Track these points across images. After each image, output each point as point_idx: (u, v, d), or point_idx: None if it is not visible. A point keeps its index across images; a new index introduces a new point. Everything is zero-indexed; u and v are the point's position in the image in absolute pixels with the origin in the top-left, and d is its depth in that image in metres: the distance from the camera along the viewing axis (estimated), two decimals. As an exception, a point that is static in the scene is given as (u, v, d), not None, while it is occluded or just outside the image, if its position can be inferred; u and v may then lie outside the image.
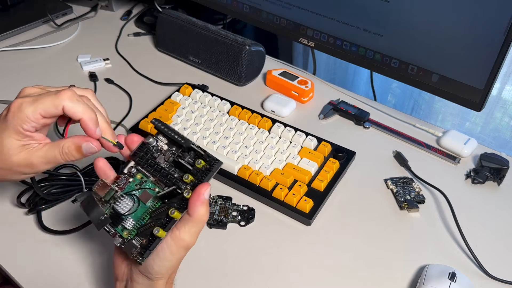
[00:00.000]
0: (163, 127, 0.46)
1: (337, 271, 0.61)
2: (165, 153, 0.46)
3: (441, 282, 0.55)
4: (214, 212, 0.66)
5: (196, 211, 0.43)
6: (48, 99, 0.45)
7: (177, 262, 0.45)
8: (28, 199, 0.65)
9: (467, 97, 0.72)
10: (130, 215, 0.46)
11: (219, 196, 0.69)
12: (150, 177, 0.46)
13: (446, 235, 0.66)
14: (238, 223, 0.66)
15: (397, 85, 1.21)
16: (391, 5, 0.72)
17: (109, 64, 0.95)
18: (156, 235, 0.43)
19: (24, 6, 1.10)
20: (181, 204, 0.44)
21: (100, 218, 0.45)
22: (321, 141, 0.76)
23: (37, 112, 0.44)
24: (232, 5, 0.93)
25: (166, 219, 0.43)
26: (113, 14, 1.12)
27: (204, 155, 0.44)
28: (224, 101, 0.83)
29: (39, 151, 0.47)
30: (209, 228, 0.65)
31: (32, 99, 0.45)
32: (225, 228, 0.65)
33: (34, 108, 0.44)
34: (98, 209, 0.45)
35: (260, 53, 0.91)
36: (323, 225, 0.66)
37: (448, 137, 0.78)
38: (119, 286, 0.48)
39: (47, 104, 0.45)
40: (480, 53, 0.67)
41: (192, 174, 0.44)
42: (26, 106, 0.44)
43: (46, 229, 0.64)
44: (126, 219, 0.45)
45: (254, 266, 0.61)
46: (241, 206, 0.68)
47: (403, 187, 0.71)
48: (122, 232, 0.45)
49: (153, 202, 0.45)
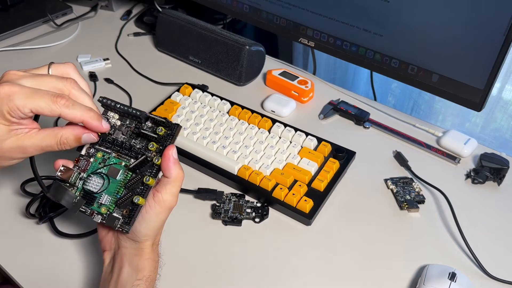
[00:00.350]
0: (113, 103, 0.48)
1: (337, 271, 0.61)
2: (120, 128, 0.49)
3: (441, 282, 0.55)
4: (229, 210, 0.67)
5: (171, 172, 0.47)
6: (44, 101, 0.43)
7: (162, 223, 0.49)
8: (37, 208, 0.65)
9: (467, 97, 0.72)
10: (103, 192, 0.48)
11: (232, 193, 0.69)
12: (112, 153, 0.49)
13: (446, 235, 0.66)
14: (253, 220, 0.66)
15: (397, 85, 1.21)
16: (391, 5, 0.72)
17: (109, 64, 0.95)
18: (137, 203, 0.46)
19: (24, 6, 1.11)
20: (152, 171, 0.47)
21: (73, 202, 0.47)
22: (321, 141, 0.76)
23: (28, 108, 0.43)
24: (232, 5, 0.93)
25: (142, 188, 0.47)
26: (113, 14, 1.12)
27: (165, 122, 0.47)
28: (224, 101, 0.83)
29: (32, 138, 0.45)
30: (224, 225, 0.66)
31: (25, 93, 0.43)
32: (240, 225, 0.66)
33: (27, 103, 0.43)
34: (68, 193, 0.47)
35: (260, 53, 0.91)
36: (323, 225, 0.66)
37: (448, 137, 0.78)
38: (107, 255, 0.51)
39: (41, 105, 0.43)
40: (480, 53, 0.67)
41: (156, 142, 0.47)
42: (18, 98, 0.42)
43: (60, 234, 0.63)
44: (100, 196, 0.48)
45: (254, 266, 0.61)
46: (255, 203, 0.68)
47: (403, 187, 0.71)
48: (99, 209, 0.48)
49: (124, 175, 0.48)
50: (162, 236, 0.63)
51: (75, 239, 0.63)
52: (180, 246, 0.63)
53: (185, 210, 0.68)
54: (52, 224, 0.64)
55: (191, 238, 0.64)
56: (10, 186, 0.69)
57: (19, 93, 0.43)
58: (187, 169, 0.74)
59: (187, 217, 0.67)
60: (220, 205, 0.67)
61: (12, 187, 0.69)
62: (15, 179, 0.70)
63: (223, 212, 0.66)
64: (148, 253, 0.50)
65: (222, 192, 0.69)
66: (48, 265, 0.60)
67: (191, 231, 0.65)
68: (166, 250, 0.62)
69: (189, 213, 0.67)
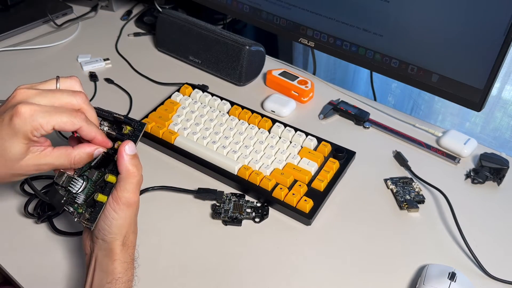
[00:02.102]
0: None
1: (337, 271, 0.61)
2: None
3: (441, 282, 0.55)
4: (229, 210, 0.67)
5: (122, 168, 0.48)
6: (66, 117, 0.45)
7: (126, 221, 0.49)
8: (35, 207, 0.65)
9: (467, 97, 0.72)
10: (82, 192, 0.50)
11: (232, 193, 0.69)
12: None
13: (446, 235, 0.66)
14: (253, 220, 0.66)
15: (396, 85, 1.21)
16: (391, 5, 0.72)
17: (109, 64, 0.95)
18: (97, 200, 0.48)
19: (24, 6, 1.11)
20: (114, 168, 0.49)
21: (60, 202, 0.50)
22: (321, 141, 0.76)
23: (51, 125, 0.45)
24: (232, 5, 0.93)
25: (103, 185, 0.49)
26: (113, 14, 1.12)
27: (131, 122, 0.50)
28: (224, 101, 0.83)
29: (48, 156, 0.47)
30: (224, 225, 0.66)
31: (46, 111, 0.45)
32: (240, 224, 0.66)
33: (49, 120, 0.44)
34: (58, 195, 0.50)
35: (260, 53, 0.91)
36: (323, 225, 0.66)
37: (448, 137, 0.78)
38: (87, 259, 0.52)
39: (64, 121, 0.45)
40: (480, 53, 0.67)
41: (121, 140, 0.50)
42: (40, 115, 0.44)
43: (59, 232, 0.63)
44: (78, 196, 0.50)
45: (254, 266, 0.61)
46: (255, 202, 0.68)
47: (403, 187, 0.71)
48: (77, 209, 0.50)
49: (97, 176, 0.51)
50: (161, 236, 0.63)
51: (74, 236, 0.63)
52: (180, 246, 0.63)
53: (185, 210, 0.68)
54: (51, 223, 0.64)
55: (191, 238, 0.64)
56: (10, 186, 0.69)
57: (40, 111, 0.44)
58: (188, 169, 0.74)
59: (187, 217, 0.67)
60: (220, 205, 0.67)
61: (11, 186, 0.69)
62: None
63: (223, 212, 0.66)
64: (117, 254, 0.49)
65: (222, 192, 0.69)
66: (48, 265, 0.60)
67: (191, 231, 0.65)
68: (166, 250, 0.63)
69: (189, 213, 0.67)
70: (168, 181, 0.71)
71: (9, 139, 0.44)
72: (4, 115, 0.44)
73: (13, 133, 0.44)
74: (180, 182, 0.71)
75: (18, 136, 0.44)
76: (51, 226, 0.64)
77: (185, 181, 0.72)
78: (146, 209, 0.67)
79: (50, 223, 0.64)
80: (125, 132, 0.50)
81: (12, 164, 0.46)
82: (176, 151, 0.75)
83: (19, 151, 0.45)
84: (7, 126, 0.44)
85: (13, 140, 0.44)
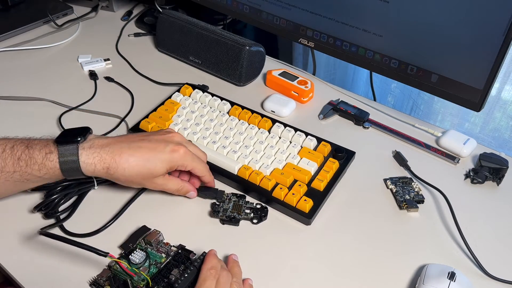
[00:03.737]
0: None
1: (336, 271, 0.61)
2: None
3: (441, 281, 0.55)
4: (228, 209, 0.67)
5: None
6: (201, 165, 0.65)
7: None
8: (39, 205, 0.65)
9: (467, 97, 0.72)
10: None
11: (233, 193, 0.69)
12: None
13: (445, 235, 0.66)
14: (251, 221, 0.66)
15: (396, 86, 1.21)
16: (391, 5, 0.72)
17: (110, 65, 0.96)
18: None
19: (24, 6, 1.11)
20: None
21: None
22: (321, 141, 0.76)
23: (191, 167, 0.64)
24: (232, 6, 0.93)
25: None
26: (113, 15, 1.12)
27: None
28: (224, 101, 0.83)
29: (169, 182, 0.64)
30: (222, 224, 0.66)
31: (192, 156, 0.63)
32: (237, 224, 0.66)
33: (193, 164, 0.64)
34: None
35: (260, 54, 0.91)
36: (323, 225, 0.67)
37: (447, 137, 0.78)
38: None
39: (199, 168, 0.65)
40: (480, 53, 0.68)
41: None
42: (189, 159, 0.63)
43: (68, 234, 0.64)
44: None
45: (254, 266, 0.61)
46: (254, 204, 0.68)
47: (402, 187, 0.71)
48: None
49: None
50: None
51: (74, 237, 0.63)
52: (179, 242, 0.63)
53: (185, 207, 0.68)
54: (62, 228, 0.64)
55: (190, 236, 0.64)
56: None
57: (190, 157, 0.63)
58: (188, 169, 0.74)
59: (186, 215, 0.67)
60: (220, 204, 0.67)
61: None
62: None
63: (222, 211, 0.67)
64: None
65: (223, 191, 0.69)
66: (49, 265, 0.60)
67: (190, 229, 0.65)
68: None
69: (189, 211, 0.68)
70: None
71: (160, 163, 0.61)
72: (167, 146, 0.62)
73: (166, 161, 0.61)
74: (180, 182, 0.71)
75: (168, 164, 0.61)
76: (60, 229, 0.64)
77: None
78: (146, 205, 0.68)
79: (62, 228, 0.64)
80: None
81: (151, 178, 0.62)
82: (176, 151, 0.75)
83: (160, 172, 0.62)
84: (167, 154, 0.61)
85: (163, 164, 0.61)
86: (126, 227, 0.64)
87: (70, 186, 0.66)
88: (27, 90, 0.88)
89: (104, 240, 0.63)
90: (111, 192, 0.69)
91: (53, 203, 0.65)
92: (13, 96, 0.86)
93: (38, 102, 0.85)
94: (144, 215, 0.67)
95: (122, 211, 0.66)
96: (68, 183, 0.66)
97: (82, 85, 0.90)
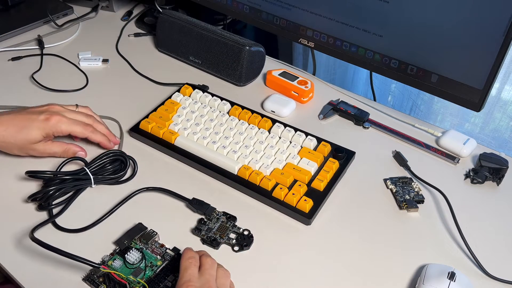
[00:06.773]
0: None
1: (336, 271, 0.61)
2: None
3: (441, 281, 0.55)
4: (212, 229, 0.64)
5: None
6: (79, 128, 0.71)
7: None
8: (34, 194, 0.65)
9: (467, 98, 0.72)
10: None
11: (225, 213, 0.66)
12: None
13: (445, 235, 0.66)
14: (232, 247, 0.63)
15: (396, 86, 1.21)
16: (391, 5, 0.72)
17: (106, 64, 0.96)
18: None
19: (25, 6, 1.11)
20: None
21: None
22: (321, 141, 0.76)
23: (68, 131, 0.71)
24: (232, 6, 0.93)
25: None
26: (113, 15, 1.12)
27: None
28: (224, 101, 0.83)
29: (53, 146, 0.72)
30: (202, 243, 0.63)
31: (68, 121, 0.70)
32: (217, 248, 0.62)
33: (69, 128, 0.71)
34: None
35: (260, 54, 0.91)
36: (323, 225, 0.67)
37: (447, 137, 0.78)
38: None
39: (78, 130, 0.71)
40: (480, 53, 0.68)
41: None
42: (64, 124, 0.70)
43: (60, 229, 0.64)
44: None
45: (253, 266, 0.61)
46: (241, 230, 0.64)
47: (402, 187, 0.71)
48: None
49: None
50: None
51: (75, 233, 0.63)
52: (172, 245, 0.63)
53: (181, 210, 0.68)
54: (51, 215, 0.65)
55: (185, 238, 0.64)
56: (10, 186, 0.69)
57: (65, 122, 0.70)
58: (187, 169, 0.74)
59: (182, 217, 0.66)
60: (206, 222, 0.65)
61: (12, 186, 0.69)
62: (15, 179, 0.70)
63: (205, 229, 0.64)
64: None
65: (214, 209, 0.66)
66: (49, 264, 0.60)
67: (186, 231, 0.65)
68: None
69: (185, 214, 0.67)
70: (168, 181, 0.71)
71: (36, 130, 0.68)
72: (41, 114, 0.69)
73: (40, 128, 0.68)
74: (180, 182, 0.71)
75: (43, 131, 0.69)
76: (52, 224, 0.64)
77: (186, 181, 0.72)
78: (138, 207, 0.68)
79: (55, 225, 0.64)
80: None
81: (29, 144, 0.69)
82: (176, 151, 0.75)
83: (37, 139, 0.69)
84: (41, 122, 0.69)
85: (38, 131, 0.69)
86: (122, 224, 0.64)
87: (67, 180, 0.67)
88: (27, 91, 0.88)
89: (99, 235, 0.63)
90: (109, 191, 0.69)
91: (48, 194, 0.65)
92: (13, 95, 0.86)
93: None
94: (140, 214, 0.67)
95: (116, 208, 0.67)
96: (66, 177, 0.67)
97: (82, 84, 0.90)
